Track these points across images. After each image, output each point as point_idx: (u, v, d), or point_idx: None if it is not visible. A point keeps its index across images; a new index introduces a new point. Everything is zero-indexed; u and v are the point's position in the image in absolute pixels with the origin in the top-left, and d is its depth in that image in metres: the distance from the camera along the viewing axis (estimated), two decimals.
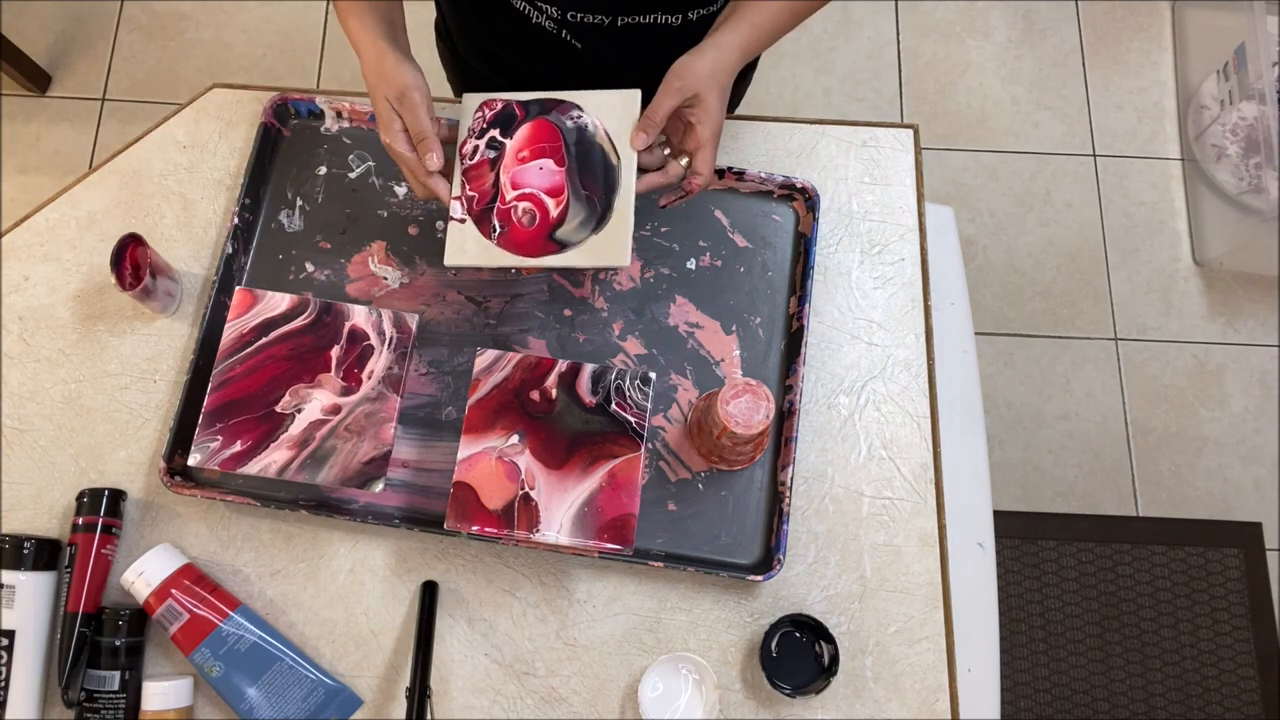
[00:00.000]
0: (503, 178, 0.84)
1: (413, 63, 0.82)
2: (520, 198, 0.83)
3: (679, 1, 0.88)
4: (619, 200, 0.82)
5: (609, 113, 0.84)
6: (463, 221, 0.83)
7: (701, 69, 0.80)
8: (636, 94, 0.84)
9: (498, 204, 0.83)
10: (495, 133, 0.85)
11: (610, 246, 0.81)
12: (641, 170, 0.83)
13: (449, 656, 0.84)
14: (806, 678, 0.83)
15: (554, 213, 0.82)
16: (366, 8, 0.84)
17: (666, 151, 0.84)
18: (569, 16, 0.89)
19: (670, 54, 0.83)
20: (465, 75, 1.12)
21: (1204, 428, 1.89)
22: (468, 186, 0.84)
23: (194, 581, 0.82)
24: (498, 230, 0.83)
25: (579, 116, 0.85)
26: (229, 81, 1.03)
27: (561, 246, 0.81)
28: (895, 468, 0.91)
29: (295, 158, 0.98)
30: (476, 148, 0.85)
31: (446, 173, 0.83)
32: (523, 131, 0.85)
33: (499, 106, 0.86)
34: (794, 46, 2.11)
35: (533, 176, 0.84)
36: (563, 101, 0.85)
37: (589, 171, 0.83)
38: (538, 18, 0.91)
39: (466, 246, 0.82)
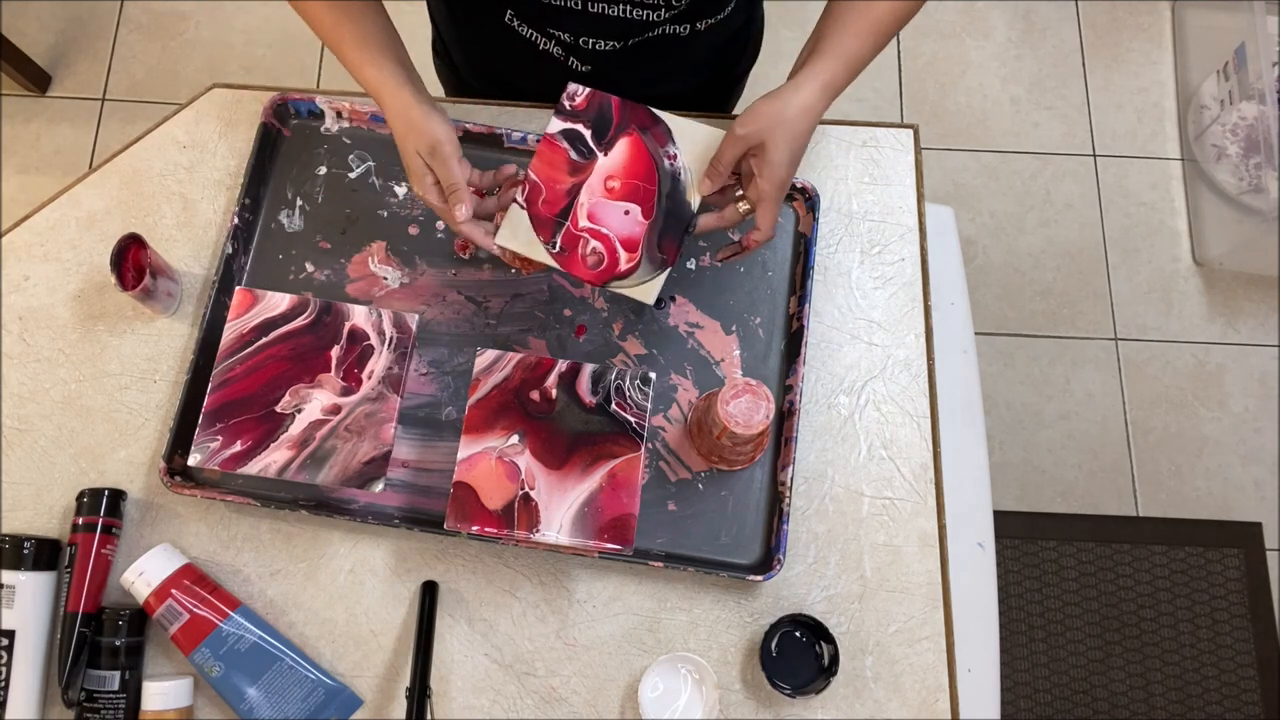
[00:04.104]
0: (582, 197, 0.80)
1: (440, 112, 0.78)
2: (593, 233, 0.80)
3: (686, 13, 0.86)
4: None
5: (690, 147, 0.80)
6: (523, 209, 0.80)
7: (771, 113, 0.74)
8: (720, 134, 0.79)
9: (569, 225, 0.80)
10: (588, 134, 0.81)
11: (645, 286, 0.80)
12: (702, 207, 0.81)
13: (449, 656, 0.84)
14: (806, 678, 0.83)
15: (623, 266, 0.80)
16: (375, 49, 0.79)
17: (740, 193, 0.80)
18: (580, 42, 0.88)
19: (677, 66, 0.80)
20: (466, 93, 1.09)
21: (1204, 428, 1.89)
22: (532, 173, 0.80)
23: (194, 581, 0.82)
24: (556, 249, 0.80)
25: (675, 156, 0.81)
26: (229, 81, 1.03)
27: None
28: (895, 468, 0.91)
29: (295, 158, 0.98)
30: (560, 134, 0.80)
31: (487, 212, 0.81)
32: (620, 151, 0.81)
33: (596, 100, 0.81)
34: (794, 46, 2.10)
35: (614, 219, 0.80)
36: (656, 119, 0.81)
37: (671, 231, 0.80)
38: (545, 44, 0.90)
39: (519, 234, 0.80)
